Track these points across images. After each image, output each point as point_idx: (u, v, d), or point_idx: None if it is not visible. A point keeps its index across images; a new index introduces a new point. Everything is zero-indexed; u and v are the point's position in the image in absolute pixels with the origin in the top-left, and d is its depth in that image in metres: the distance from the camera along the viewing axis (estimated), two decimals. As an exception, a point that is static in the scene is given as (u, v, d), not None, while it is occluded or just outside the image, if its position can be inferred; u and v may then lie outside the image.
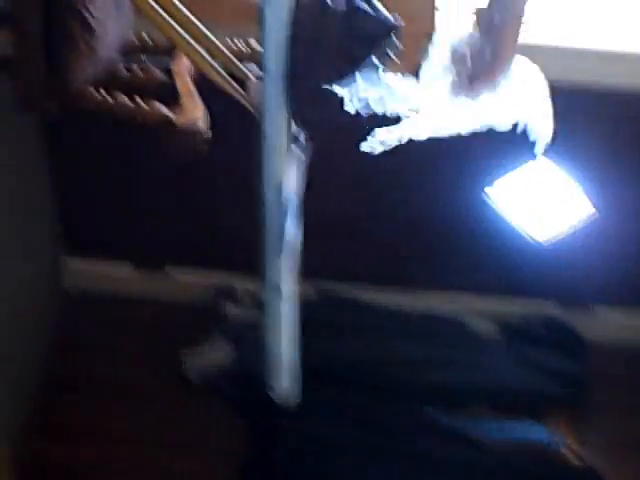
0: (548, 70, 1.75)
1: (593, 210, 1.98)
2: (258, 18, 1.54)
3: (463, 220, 2.81)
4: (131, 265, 3.16)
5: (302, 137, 1.69)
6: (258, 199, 1.71)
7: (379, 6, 1.59)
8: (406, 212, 2.91)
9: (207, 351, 3.06)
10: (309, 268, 2.00)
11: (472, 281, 3.05)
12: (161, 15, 1.77)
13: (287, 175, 1.65)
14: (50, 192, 3.03)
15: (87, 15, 1.83)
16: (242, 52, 1.93)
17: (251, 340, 2.99)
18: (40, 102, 1.90)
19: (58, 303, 3.15)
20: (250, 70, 1.85)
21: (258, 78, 1.77)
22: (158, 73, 2.05)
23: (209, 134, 1.94)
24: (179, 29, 1.79)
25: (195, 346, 3.05)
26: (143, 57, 2.10)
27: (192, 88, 1.96)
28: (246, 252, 2.98)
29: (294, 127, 1.66)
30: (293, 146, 1.68)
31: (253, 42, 2.04)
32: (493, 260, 2.97)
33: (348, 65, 1.64)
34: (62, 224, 3.11)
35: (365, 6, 1.63)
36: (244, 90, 1.78)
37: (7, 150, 2.68)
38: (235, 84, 1.79)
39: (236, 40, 2.06)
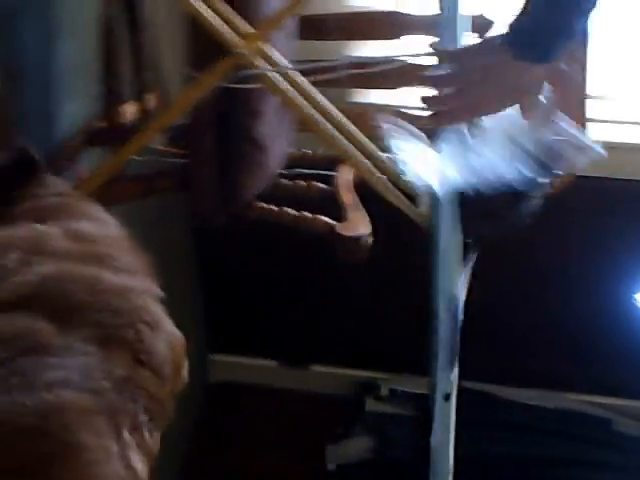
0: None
1: None
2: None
3: (612, 322, 2.83)
4: (276, 362, 3.27)
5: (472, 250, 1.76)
6: (426, 310, 1.78)
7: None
8: (556, 313, 2.94)
9: (349, 444, 3.11)
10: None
11: (620, 383, 3.04)
12: (328, 129, 1.87)
13: (460, 288, 1.71)
14: (197, 290, 3.17)
15: (258, 135, 1.97)
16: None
17: (393, 434, 3.06)
18: (212, 216, 2.02)
19: (203, 397, 3.25)
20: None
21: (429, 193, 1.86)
22: (320, 186, 2.17)
23: (371, 242, 2.02)
24: (347, 143, 1.89)
25: (337, 439, 3.11)
26: (304, 170, 2.24)
27: (356, 200, 2.06)
28: (389, 350, 3.09)
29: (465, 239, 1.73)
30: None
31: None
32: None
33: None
34: (209, 321, 3.24)
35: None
36: (414, 204, 1.86)
37: (157, 251, 2.83)
38: (403, 197, 1.87)
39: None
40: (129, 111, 2.18)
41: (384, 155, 1.96)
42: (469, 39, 1.72)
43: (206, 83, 1.79)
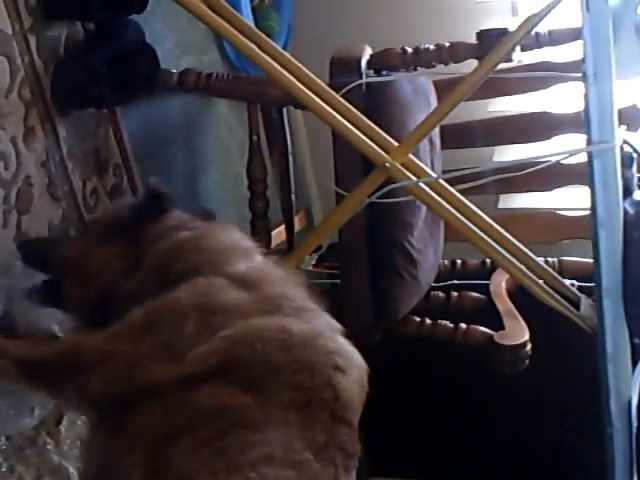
0: None
1: None
2: (591, 237, 1.67)
3: None
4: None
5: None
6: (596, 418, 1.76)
7: None
8: None
9: None
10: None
11: None
12: (481, 236, 1.91)
13: (632, 392, 1.69)
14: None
15: (410, 248, 2.04)
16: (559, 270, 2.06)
17: None
18: (367, 333, 2.08)
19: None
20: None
21: (589, 296, 1.87)
22: (475, 296, 2.20)
23: (529, 352, 2.03)
24: (500, 249, 1.92)
25: None
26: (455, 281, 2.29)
27: (512, 307, 2.08)
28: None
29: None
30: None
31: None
32: None
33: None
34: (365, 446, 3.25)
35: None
36: (577, 309, 1.87)
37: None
38: (564, 301, 1.89)
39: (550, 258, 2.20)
40: (276, 234, 2.31)
41: (539, 259, 1.99)
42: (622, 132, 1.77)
43: (355, 200, 1.88)
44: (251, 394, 1.14)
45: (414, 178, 1.84)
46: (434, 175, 1.92)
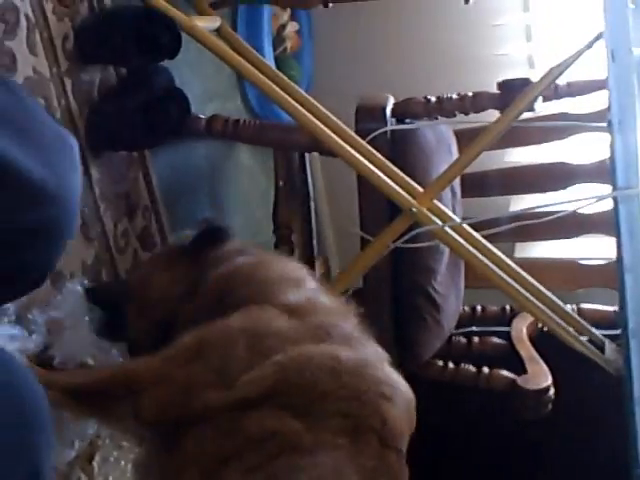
0: None
1: None
2: (617, 281, 1.72)
3: None
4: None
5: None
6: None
7: None
8: None
9: None
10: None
11: None
12: (508, 281, 1.95)
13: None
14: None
15: (433, 293, 2.08)
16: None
17: None
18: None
19: None
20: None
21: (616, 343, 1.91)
22: (496, 341, 2.24)
23: (552, 396, 2.06)
24: (528, 295, 1.96)
25: None
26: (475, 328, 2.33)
27: (534, 352, 2.12)
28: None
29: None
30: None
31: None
32: None
33: None
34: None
35: None
36: (602, 352, 1.91)
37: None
38: (591, 346, 1.93)
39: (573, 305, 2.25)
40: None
41: (565, 305, 2.04)
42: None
43: (381, 244, 1.92)
44: (300, 419, 1.18)
45: (440, 223, 1.89)
46: (458, 220, 1.97)
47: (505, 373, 2.10)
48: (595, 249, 2.50)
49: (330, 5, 2.16)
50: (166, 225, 2.13)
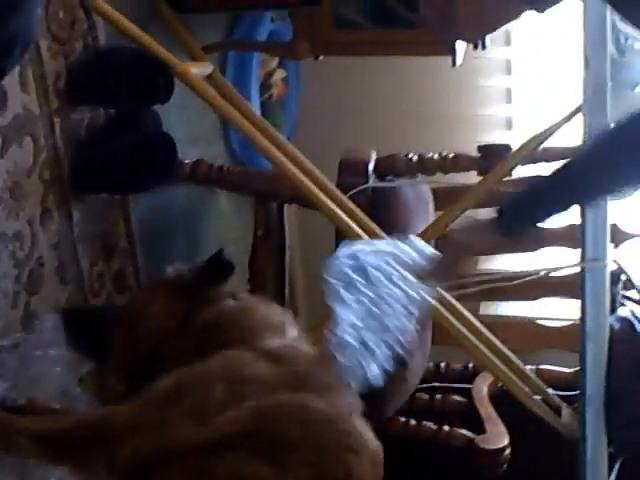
0: None
1: None
2: (579, 348, 1.79)
3: None
4: None
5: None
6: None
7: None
8: None
9: None
10: None
11: None
12: (473, 341, 2.01)
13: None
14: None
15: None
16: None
17: None
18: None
19: None
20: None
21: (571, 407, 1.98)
22: (457, 399, 2.30)
23: (508, 456, 2.12)
24: (489, 354, 2.02)
25: None
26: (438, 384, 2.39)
27: (493, 413, 2.18)
28: None
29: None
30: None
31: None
32: None
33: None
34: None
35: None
36: (558, 415, 1.98)
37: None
38: (547, 408, 1.99)
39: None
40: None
41: (526, 365, 2.10)
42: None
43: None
44: (270, 466, 1.23)
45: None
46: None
47: (464, 432, 2.16)
48: (558, 309, 2.58)
49: (320, 57, 2.24)
50: (141, 268, 2.16)
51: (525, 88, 2.85)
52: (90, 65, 1.92)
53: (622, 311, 2.03)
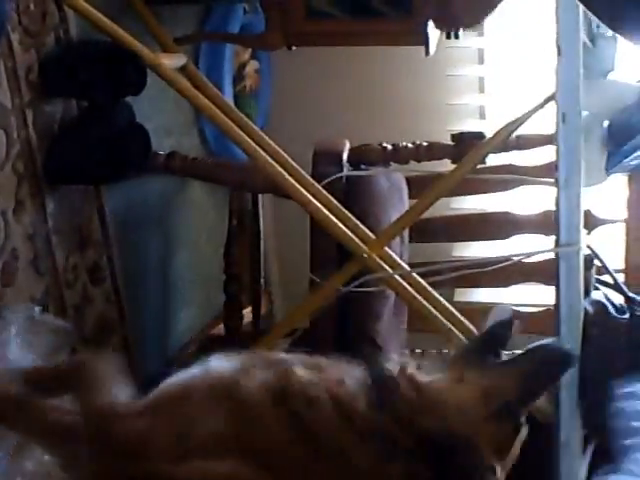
0: None
1: None
2: (554, 332, 1.81)
3: None
4: None
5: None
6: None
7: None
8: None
9: None
10: None
11: None
12: (446, 326, 2.03)
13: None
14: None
15: (375, 333, 2.16)
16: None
17: None
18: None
19: None
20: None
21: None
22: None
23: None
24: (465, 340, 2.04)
25: None
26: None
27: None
28: None
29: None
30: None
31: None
32: None
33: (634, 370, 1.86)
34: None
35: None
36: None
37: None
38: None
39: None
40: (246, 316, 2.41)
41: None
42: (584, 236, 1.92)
43: (331, 288, 2.00)
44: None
45: (390, 270, 1.97)
46: (407, 268, 2.05)
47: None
48: (532, 295, 2.62)
49: (293, 48, 2.25)
50: (116, 259, 2.17)
51: (498, 77, 2.87)
52: (63, 57, 1.92)
53: (596, 294, 2.05)
